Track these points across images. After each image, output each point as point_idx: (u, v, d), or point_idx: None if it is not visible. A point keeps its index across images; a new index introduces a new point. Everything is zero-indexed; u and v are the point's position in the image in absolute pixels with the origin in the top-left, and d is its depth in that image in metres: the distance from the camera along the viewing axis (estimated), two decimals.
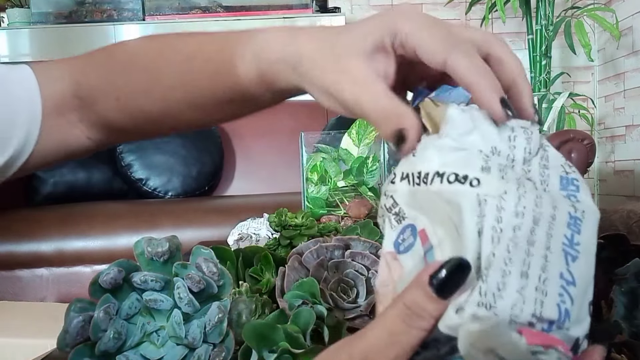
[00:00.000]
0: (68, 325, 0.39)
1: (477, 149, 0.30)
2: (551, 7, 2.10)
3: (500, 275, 0.26)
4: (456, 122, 0.30)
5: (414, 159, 0.31)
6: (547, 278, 0.26)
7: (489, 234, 0.27)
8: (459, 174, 0.28)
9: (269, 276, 0.56)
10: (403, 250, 0.31)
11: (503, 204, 0.27)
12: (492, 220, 0.27)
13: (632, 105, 2.40)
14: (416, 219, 0.30)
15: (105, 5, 2.55)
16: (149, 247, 0.42)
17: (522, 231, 0.27)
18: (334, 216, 1.05)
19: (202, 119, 0.46)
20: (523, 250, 0.27)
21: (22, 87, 0.49)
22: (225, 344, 0.41)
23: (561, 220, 0.28)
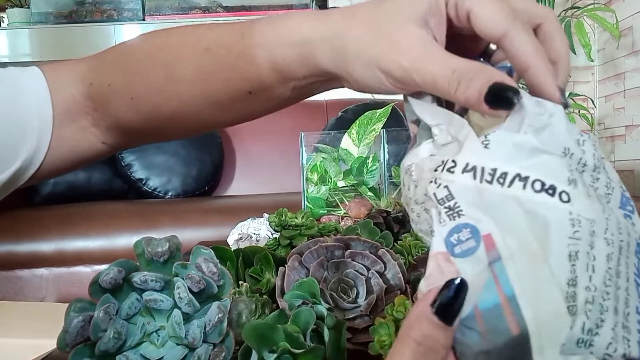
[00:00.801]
0: (68, 325, 0.39)
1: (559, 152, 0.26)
2: (551, 7, 2.10)
3: (599, 311, 0.24)
4: (532, 115, 0.26)
5: (486, 151, 0.26)
6: (629, 313, 0.25)
7: (584, 262, 0.24)
8: (545, 183, 0.25)
9: (269, 276, 0.56)
10: (460, 253, 0.27)
11: (595, 227, 0.24)
12: (586, 245, 0.24)
13: (632, 105, 2.40)
14: (479, 221, 0.26)
15: (105, 5, 2.55)
16: (149, 247, 0.42)
17: (613, 261, 0.25)
18: (334, 216, 1.05)
19: (219, 117, 0.44)
20: (614, 282, 0.24)
21: (32, 93, 0.47)
22: (225, 344, 0.41)
23: (632, 248, 0.26)
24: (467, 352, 0.25)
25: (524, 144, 0.26)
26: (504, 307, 0.24)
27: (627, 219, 0.27)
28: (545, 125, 0.26)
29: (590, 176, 0.27)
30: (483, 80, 0.27)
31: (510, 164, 0.26)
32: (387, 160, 1.13)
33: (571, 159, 0.26)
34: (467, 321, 0.25)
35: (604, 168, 0.28)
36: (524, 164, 0.25)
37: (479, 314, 0.25)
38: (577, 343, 0.24)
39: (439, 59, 0.29)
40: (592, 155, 0.27)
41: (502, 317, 0.24)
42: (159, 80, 0.43)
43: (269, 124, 2.43)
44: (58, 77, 0.48)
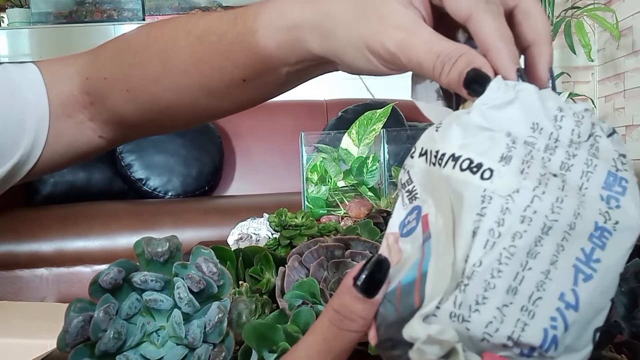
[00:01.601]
0: (68, 325, 0.39)
1: (506, 131, 0.25)
2: (551, 7, 2.10)
3: (482, 288, 0.23)
4: (493, 92, 0.26)
5: (436, 134, 0.27)
6: (540, 297, 0.23)
7: (484, 237, 0.23)
8: (473, 161, 0.25)
9: (269, 276, 0.56)
10: (405, 233, 0.28)
11: (510, 205, 0.24)
12: (491, 222, 0.23)
13: (632, 105, 2.40)
14: (425, 202, 0.27)
15: (105, 5, 2.55)
16: (149, 247, 0.42)
17: (523, 240, 0.23)
18: (334, 216, 1.05)
19: (215, 106, 0.44)
20: (519, 262, 0.23)
21: (28, 89, 0.48)
22: (225, 344, 0.41)
23: (582, 231, 0.24)
24: (382, 323, 0.26)
25: (467, 123, 0.26)
26: (416, 283, 0.25)
27: (610, 200, 0.25)
28: (510, 101, 0.26)
29: (566, 152, 0.26)
30: (463, 64, 0.27)
31: (450, 145, 0.26)
32: (387, 160, 1.13)
33: (540, 134, 0.26)
34: (389, 295, 0.26)
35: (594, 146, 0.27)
36: (461, 143, 0.25)
37: (399, 289, 0.26)
38: (450, 316, 0.23)
39: (424, 41, 0.29)
40: (569, 131, 0.26)
41: (412, 292, 0.25)
42: (155, 71, 0.43)
43: (269, 124, 2.43)
44: (54, 73, 0.49)
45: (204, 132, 2.31)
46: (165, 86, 0.43)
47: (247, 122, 2.45)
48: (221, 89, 0.42)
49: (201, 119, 0.48)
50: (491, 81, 0.27)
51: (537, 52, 0.30)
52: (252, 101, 0.44)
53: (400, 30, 0.29)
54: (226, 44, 0.39)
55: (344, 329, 0.26)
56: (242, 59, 0.38)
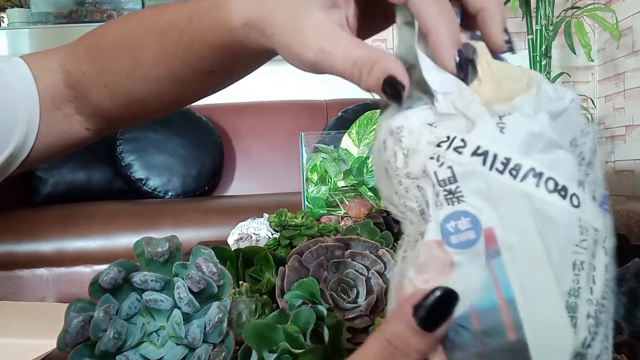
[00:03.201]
0: (68, 325, 0.39)
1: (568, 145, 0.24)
2: (551, 7, 2.10)
3: (595, 324, 0.23)
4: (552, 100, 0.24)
5: (502, 136, 0.24)
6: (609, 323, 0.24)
7: (588, 272, 0.23)
8: (558, 183, 0.23)
9: (269, 276, 0.56)
10: (457, 244, 0.24)
11: (598, 236, 0.23)
12: (590, 255, 0.23)
13: (632, 105, 2.40)
14: (481, 211, 0.24)
15: (105, 5, 2.55)
16: (149, 247, 0.42)
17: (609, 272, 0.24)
18: (334, 216, 1.05)
19: (188, 94, 0.45)
20: (610, 295, 0.24)
21: (18, 83, 0.49)
22: (225, 344, 0.41)
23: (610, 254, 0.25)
24: (458, 352, 0.24)
25: (541, 135, 0.24)
26: (501, 310, 0.23)
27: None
28: (563, 110, 0.25)
29: (584, 171, 0.25)
30: (379, 72, 0.28)
31: (525, 156, 0.23)
32: None
33: (575, 150, 0.25)
34: (461, 320, 0.24)
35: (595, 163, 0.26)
36: (538, 158, 0.23)
37: (474, 314, 0.23)
38: (574, 357, 0.23)
39: (341, 50, 0.29)
40: (590, 150, 0.26)
41: (499, 319, 0.23)
42: (127, 66, 0.44)
43: (269, 124, 2.43)
44: (40, 66, 0.50)
45: (204, 132, 2.31)
46: (138, 80, 0.44)
47: (247, 122, 2.45)
48: (190, 80, 0.43)
49: (177, 106, 0.49)
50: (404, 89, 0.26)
51: (488, 16, 0.28)
52: (223, 85, 0.45)
53: (317, 40, 0.30)
54: (186, 40, 0.40)
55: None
56: (203, 54, 0.39)
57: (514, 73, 0.26)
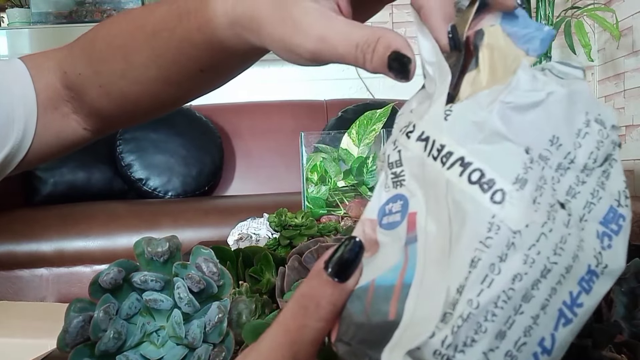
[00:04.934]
0: (68, 325, 0.39)
1: (525, 144, 0.22)
2: (551, 7, 2.10)
3: (473, 330, 0.21)
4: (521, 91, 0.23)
5: (444, 123, 0.24)
6: (525, 343, 0.22)
7: (484, 272, 0.21)
8: (485, 174, 0.22)
9: (269, 276, 0.56)
10: (385, 225, 0.25)
11: (517, 240, 0.21)
12: (494, 256, 0.21)
13: (632, 105, 2.40)
14: (413, 195, 0.24)
15: (105, 5, 2.55)
16: (149, 247, 0.42)
17: (522, 283, 0.21)
18: (334, 216, 1.05)
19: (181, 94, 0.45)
20: (513, 306, 0.21)
21: (16, 82, 0.49)
22: (225, 344, 0.41)
23: (576, 274, 0.22)
24: (346, 319, 0.24)
25: (484, 124, 0.23)
26: (395, 291, 0.23)
27: (603, 238, 0.24)
28: (536, 103, 0.23)
29: (576, 177, 0.23)
30: (382, 49, 0.27)
31: (460, 145, 0.23)
32: None
33: (557, 150, 0.23)
34: (359, 291, 0.24)
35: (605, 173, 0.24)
36: (473, 148, 0.23)
37: (372, 288, 0.24)
38: (434, 354, 0.21)
39: (340, 35, 0.28)
40: (587, 153, 0.24)
41: (388, 299, 0.23)
42: (120, 66, 0.44)
43: (269, 124, 2.43)
44: (39, 66, 0.50)
45: (204, 132, 2.31)
46: (131, 80, 0.44)
47: (247, 122, 2.45)
48: (182, 80, 0.42)
49: (171, 106, 0.49)
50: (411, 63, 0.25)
51: None
52: (216, 85, 0.44)
53: (313, 29, 0.29)
54: (177, 41, 0.39)
55: (309, 317, 0.24)
56: (193, 53, 0.39)
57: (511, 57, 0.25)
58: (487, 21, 0.27)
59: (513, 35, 0.26)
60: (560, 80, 0.25)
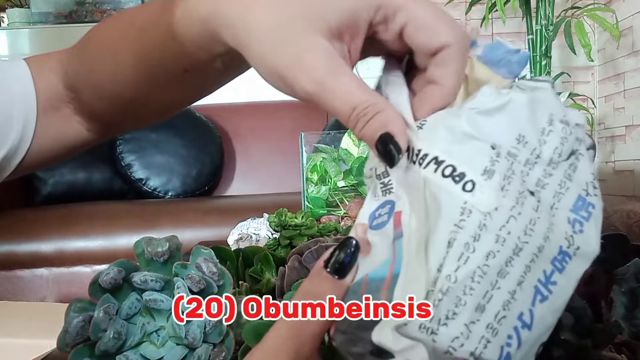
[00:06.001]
0: (68, 325, 0.39)
1: (492, 141, 0.25)
2: (551, 7, 2.10)
3: (453, 304, 0.23)
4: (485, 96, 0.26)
5: (421, 132, 0.27)
6: (504, 317, 0.24)
7: (459, 250, 0.24)
8: (456, 169, 0.25)
9: (269, 276, 0.56)
10: (375, 226, 0.28)
11: (488, 222, 0.24)
12: (468, 235, 0.24)
13: (632, 105, 2.40)
14: (399, 199, 0.27)
15: (105, 5, 2.55)
16: (149, 247, 0.42)
17: (496, 260, 0.24)
18: (334, 216, 1.05)
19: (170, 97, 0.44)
20: (490, 281, 0.24)
21: (16, 82, 0.48)
22: (225, 344, 0.41)
23: (548, 254, 0.25)
24: None
25: (454, 128, 0.26)
26: (385, 282, 0.25)
27: (575, 223, 0.26)
28: (499, 107, 0.26)
29: (543, 170, 0.26)
30: (377, 125, 0.26)
31: (434, 147, 0.26)
32: None
33: (524, 147, 0.26)
34: (354, 286, 0.27)
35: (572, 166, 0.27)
36: (446, 148, 0.25)
37: (365, 282, 0.26)
38: (419, 328, 0.23)
39: (342, 90, 0.27)
40: (552, 149, 0.26)
41: (379, 290, 0.25)
42: (110, 67, 0.43)
43: (269, 124, 2.43)
44: (40, 67, 0.49)
45: (204, 132, 2.31)
46: (121, 81, 0.43)
47: (247, 122, 2.45)
48: (168, 82, 0.41)
49: (163, 113, 0.47)
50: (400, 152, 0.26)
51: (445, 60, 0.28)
52: (203, 91, 0.42)
53: (317, 70, 0.27)
54: (160, 36, 0.37)
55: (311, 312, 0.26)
56: (175, 50, 0.36)
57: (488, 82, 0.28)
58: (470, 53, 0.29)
59: (489, 62, 0.28)
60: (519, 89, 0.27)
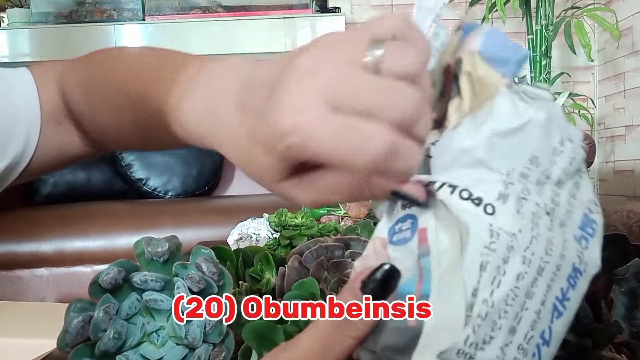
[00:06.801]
0: (68, 325, 0.39)
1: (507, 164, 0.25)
2: (551, 7, 2.10)
3: (490, 328, 0.23)
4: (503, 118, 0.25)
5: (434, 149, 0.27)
6: (532, 336, 0.24)
7: (492, 273, 0.24)
8: (472, 193, 0.25)
9: (269, 276, 0.56)
10: (396, 241, 0.28)
11: (514, 244, 0.24)
12: (499, 259, 0.24)
13: (632, 105, 2.40)
14: (421, 214, 0.27)
15: (105, 5, 2.55)
16: (149, 247, 0.42)
17: (524, 281, 0.24)
18: (334, 216, 1.05)
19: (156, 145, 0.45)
20: (519, 303, 0.24)
21: (20, 91, 0.48)
22: (225, 344, 0.41)
23: (564, 272, 0.25)
24: None
25: (469, 153, 0.25)
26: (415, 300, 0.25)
27: (581, 240, 0.27)
28: (518, 129, 0.26)
29: (552, 190, 0.26)
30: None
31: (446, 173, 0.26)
32: None
33: (536, 168, 0.26)
34: None
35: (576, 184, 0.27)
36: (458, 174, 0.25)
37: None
38: (457, 353, 0.23)
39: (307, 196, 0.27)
40: (561, 169, 0.26)
41: None
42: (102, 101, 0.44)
43: None
44: (44, 78, 0.50)
45: None
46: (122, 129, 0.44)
47: None
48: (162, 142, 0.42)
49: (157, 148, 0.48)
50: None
51: None
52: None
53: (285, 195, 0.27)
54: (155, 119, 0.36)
55: (344, 334, 0.26)
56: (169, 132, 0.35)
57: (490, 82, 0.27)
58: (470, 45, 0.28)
59: (491, 60, 0.27)
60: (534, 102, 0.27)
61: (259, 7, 2.48)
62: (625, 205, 1.14)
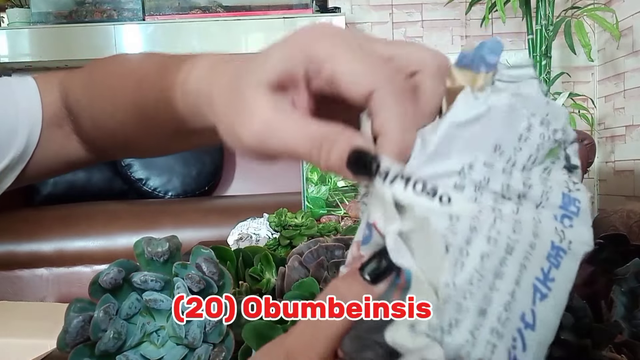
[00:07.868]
0: (68, 325, 0.39)
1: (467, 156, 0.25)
2: (551, 7, 2.10)
3: (455, 311, 0.23)
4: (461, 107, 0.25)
5: None
6: (508, 318, 0.23)
7: (454, 257, 0.23)
8: (427, 184, 0.24)
9: (269, 276, 0.56)
10: (364, 240, 0.28)
11: (477, 223, 0.24)
12: (462, 240, 0.23)
13: (632, 105, 2.40)
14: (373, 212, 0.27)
15: (105, 5, 2.55)
16: (149, 247, 0.42)
17: (490, 261, 0.23)
18: (334, 216, 1.05)
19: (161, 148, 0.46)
20: (487, 283, 0.23)
21: (23, 95, 0.49)
22: (225, 344, 0.41)
23: (541, 251, 0.25)
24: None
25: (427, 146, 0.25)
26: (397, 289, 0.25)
27: (563, 219, 0.26)
28: (477, 117, 0.25)
29: (521, 174, 0.26)
30: (344, 145, 0.25)
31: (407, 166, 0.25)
32: None
33: (500, 156, 0.25)
34: None
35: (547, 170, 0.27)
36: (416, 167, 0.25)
37: None
38: (427, 336, 0.23)
39: (294, 126, 0.26)
40: (526, 156, 0.26)
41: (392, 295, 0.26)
42: (108, 106, 0.45)
43: None
44: (47, 82, 0.50)
45: None
46: (119, 122, 0.44)
47: None
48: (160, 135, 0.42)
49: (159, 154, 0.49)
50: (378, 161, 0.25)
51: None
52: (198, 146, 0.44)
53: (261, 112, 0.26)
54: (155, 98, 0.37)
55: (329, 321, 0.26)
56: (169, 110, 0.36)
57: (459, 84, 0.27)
58: None
59: (468, 65, 0.27)
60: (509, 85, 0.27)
61: (259, 7, 2.48)
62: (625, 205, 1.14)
